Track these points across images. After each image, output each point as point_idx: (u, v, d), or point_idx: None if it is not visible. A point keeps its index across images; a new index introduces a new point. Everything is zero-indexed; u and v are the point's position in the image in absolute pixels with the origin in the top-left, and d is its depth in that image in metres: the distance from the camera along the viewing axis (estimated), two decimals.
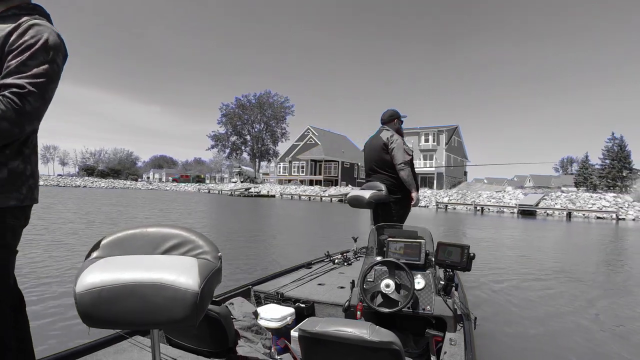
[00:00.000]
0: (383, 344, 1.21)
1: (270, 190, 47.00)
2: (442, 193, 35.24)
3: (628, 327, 3.68)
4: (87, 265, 0.99)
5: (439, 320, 2.06)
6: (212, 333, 1.62)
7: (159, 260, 1.05)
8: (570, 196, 28.66)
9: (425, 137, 47.28)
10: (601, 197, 27.88)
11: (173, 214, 15.11)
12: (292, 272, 3.21)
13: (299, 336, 1.40)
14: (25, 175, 1.31)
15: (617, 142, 40.31)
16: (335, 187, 44.30)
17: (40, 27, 1.27)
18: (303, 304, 2.46)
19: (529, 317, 3.87)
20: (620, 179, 38.79)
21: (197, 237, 1.15)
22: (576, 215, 25.17)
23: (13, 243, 1.31)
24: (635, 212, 24.62)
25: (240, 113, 63.19)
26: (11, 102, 1.14)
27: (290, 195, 42.41)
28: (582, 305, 4.40)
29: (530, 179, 68.29)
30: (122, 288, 0.89)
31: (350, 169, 55.57)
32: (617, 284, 5.71)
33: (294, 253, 6.79)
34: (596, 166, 42.91)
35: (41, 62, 1.22)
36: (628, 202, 26.28)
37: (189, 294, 0.89)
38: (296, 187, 47.03)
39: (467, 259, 2.16)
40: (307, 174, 54.22)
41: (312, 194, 41.24)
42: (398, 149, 3.34)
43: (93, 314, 0.89)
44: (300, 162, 55.31)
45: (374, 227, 2.56)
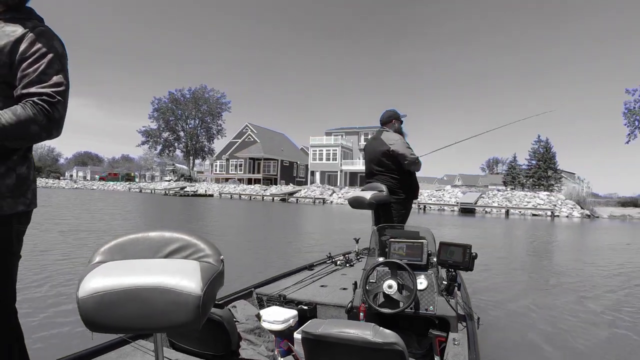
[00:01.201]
0: (386, 345, 1.22)
1: (208, 189, 45.36)
2: None
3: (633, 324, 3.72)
4: (90, 270, 0.98)
5: (442, 321, 2.08)
6: (215, 336, 1.62)
7: (161, 264, 1.05)
8: (507, 194, 30.25)
9: (365, 136, 48.34)
10: (535, 195, 29.13)
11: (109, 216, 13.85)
12: (294, 274, 3.19)
13: (302, 338, 1.40)
14: (29, 180, 1.36)
15: (543, 144, 43.60)
16: (276, 186, 43.96)
17: (49, 34, 1.33)
18: (306, 306, 2.44)
19: (531, 316, 3.90)
20: (545, 178, 42.33)
21: (199, 241, 1.15)
22: (513, 213, 26.60)
23: (18, 248, 1.34)
24: (568, 209, 26.26)
25: (173, 108, 60.22)
26: (43, 109, 1.22)
27: (230, 195, 41.28)
28: (584, 303, 4.47)
29: (459, 178, 72.75)
30: (125, 292, 0.89)
31: (290, 168, 55.55)
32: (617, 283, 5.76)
33: None
34: (523, 167, 46.26)
35: (57, 70, 1.29)
36: (561, 200, 27.62)
37: (192, 297, 0.90)
38: (235, 185, 45.95)
39: (469, 258, 2.18)
40: (245, 172, 53.21)
41: (253, 193, 40.52)
42: (401, 146, 3.34)
43: (96, 319, 0.89)
44: (239, 160, 54.15)
45: (375, 228, 2.56)
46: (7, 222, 1.28)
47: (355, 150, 48.46)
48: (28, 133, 1.20)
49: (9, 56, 1.25)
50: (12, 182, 1.28)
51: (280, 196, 37.46)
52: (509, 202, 28.42)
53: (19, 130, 1.18)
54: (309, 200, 35.68)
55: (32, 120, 1.19)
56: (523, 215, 25.92)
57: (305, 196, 36.79)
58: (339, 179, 45.90)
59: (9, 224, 1.29)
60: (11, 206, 1.28)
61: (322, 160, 47.30)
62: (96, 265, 1.03)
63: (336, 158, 46.43)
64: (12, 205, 1.28)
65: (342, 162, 46.44)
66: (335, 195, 36.26)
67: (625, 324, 3.76)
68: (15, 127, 1.17)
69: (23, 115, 1.18)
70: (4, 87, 1.27)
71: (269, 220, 15.51)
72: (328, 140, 47.60)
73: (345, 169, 46.52)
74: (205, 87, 61.38)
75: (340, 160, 46.28)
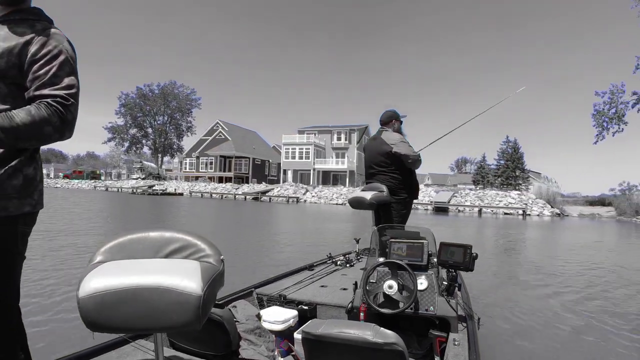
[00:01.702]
0: (387, 345, 1.23)
1: (178, 187, 44.32)
2: (359, 190, 36.28)
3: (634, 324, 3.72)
4: (90, 269, 0.98)
5: (442, 321, 2.08)
6: (216, 336, 1.62)
7: (161, 264, 1.06)
8: (479, 193, 30.89)
9: (337, 135, 48.72)
10: (506, 194, 29.87)
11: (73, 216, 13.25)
12: (294, 274, 3.17)
13: (302, 338, 1.41)
14: (36, 180, 1.35)
15: (511, 144, 44.94)
16: (248, 185, 43.46)
17: (59, 36, 1.32)
18: (306, 306, 2.43)
19: (531, 316, 3.91)
20: (513, 178, 43.74)
21: (200, 241, 1.16)
22: (485, 212, 27.14)
23: (23, 249, 1.33)
24: (538, 208, 27.03)
25: (141, 104, 58.24)
26: (57, 110, 1.22)
27: (201, 194, 40.48)
28: (584, 302, 4.51)
29: (429, 177, 74.29)
30: (125, 292, 0.90)
31: (262, 166, 55.05)
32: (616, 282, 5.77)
33: None
34: (492, 166, 47.65)
35: (69, 72, 1.29)
36: (532, 199, 28.29)
37: (192, 297, 0.90)
38: (206, 184, 45.07)
39: (469, 259, 2.18)
40: (216, 171, 52.28)
41: (224, 191, 39.92)
42: (403, 147, 3.35)
43: (96, 319, 0.89)
44: (209, 157, 53.15)
45: (375, 229, 2.56)
46: (13, 222, 1.27)
47: (328, 149, 48.59)
48: (42, 134, 1.20)
49: (19, 57, 1.25)
50: (19, 182, 1.27)
51: (253, 195, 37.10)
52: (482, 201, 29.05)
53: (33, 130, 1.18)
54: (282, 199, 35.55)
55: (46, 121, 1.19)
56: (495, 214, 26.47)
57: (279, 195, 36.64)
58: (312, 178, 45.87)
59: (15, 225, 1.28)
60: (17, 207, 1.27)
61: (295, 158, 47.14)
62: (96, 265, 1.03)
63: (309, 157, 46.36)
64: (18, 206, 1.27)
65: (315, 161, 46.44)
66: (309, 194, 36.29)
67: (625, 323, 3.76)
68: (30, 127, 1.17)
69: (37, 116, 1.18)
70: (13, 88, 1.27)
71: (242, 219, 15.33)
72: (301, 139, 47.46)
73: (318, 167, 46.57)
74: (174, 82, 59.85)
75: (313, 159, 46.25)
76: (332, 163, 46.60)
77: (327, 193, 35.91)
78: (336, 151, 48.07)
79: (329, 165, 46.64)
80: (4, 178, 1.24)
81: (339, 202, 33.58)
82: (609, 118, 24.15)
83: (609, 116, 24.18)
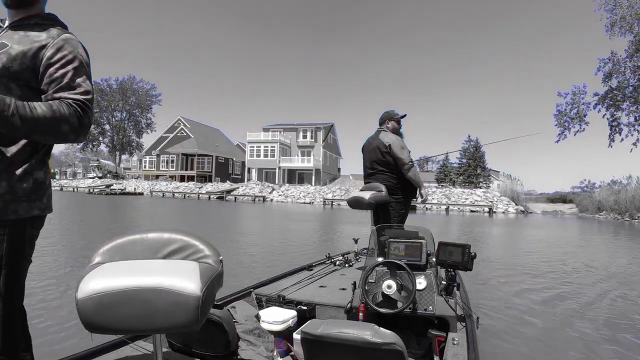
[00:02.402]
0: (385, 345, 1.24)
1: (138, 187, 42.70)
2: (326, 189, 35.87)
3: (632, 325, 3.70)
4: (89, 271, 0.98)
5: (441, 321, 2.09)
6: (215, 337, 1.62)
7: (160, 264, 1.06)
8: (445, 191, 31.31)
9: (303, 133, 48.40)
10: (472, 192, 30.49)
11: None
12: (293, 274, 3.16)
13: (301, 339, 1.42)
14: (45, 184, 1.36)
15: (473, 143, 46.46)
16: (212, 183, 42.56)
17: (74, 41, 1.34)
18: (305, 307, 2.42)
19: (530, 315, 3.92)
20: (475, 176, 45.41)
21: (198, 241, 1.17)
22: (452, 209, 27.62)
23: (30, 252, 1.35)
24: (503, 205, 27.53)
25: (98, 99, 55.40)
26: (77, 112, 1.23)
27: (162, 193, 39.23)
28: (583, 301, 4.49)
29: None
30: (124, 293, 0.90)
31: (225, 164, 54.09)
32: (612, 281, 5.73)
33: None
34: (454, 165, 49.05)
35: (85, 79, 1.31)
36: (497, 197, 28.80)
37: (191, 298, 0.90)
38: (167, 183, 43.68)
39: (468, 258, 2.18)
40: (177, 169, 50.83)
41: (187, 191, 38.87)
42: (400, 149, 3.37)
43: (95, 320, 0.90)
44: (170, 155, 51.55)
45: (374, 228, 2.56)
46: (21, 225, 1.28)
47: (293, 147, 48.26)
48: (59, 130, 1.20)
49: (32, 60, 1.26)
50: (29, 186, 1.29)
51: (217, 194, 36.35)
52: (448, 199, 29.68)
53: (51, 125, 1.18)
54: (247, 199, 35.07)
55: (65, 119, 1.20)
56: (462, 212, 26.74)
57: (244, 194, 36.10)
58: (277, 176, 45.52)
59: (23, 228, 1.29)
60: (27, 210, 1.28)
61: (260, 157, 46.59)
62: (95, 266, 1.03)
63: (274, 155, 45.94)
64: (27, 209, 1.29)
65: (281, 159, 46.11)
66: (276, 193, 35.98)
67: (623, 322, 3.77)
68: (49, 121, 1.17)
69: (58, 112, 1.19)
70: (26, 90, 1.28)
71: (208, 220, 14.99)
72: (266, 137, 46.89)
73: (284, 165, 46.25)
74: (134, 77, 57.58)
75: (279, 157, 45.89)
76: (298, 161, 46.39)
77: (294, 192, 35.71)
78: (302, 149, 47.84)
79: (294, 164, 46.41)
80: (15, 181, 1.25)
81: (307, 200, 33.45)
82: (570, 118, 25.40)
83: (571, 116, 25.43)
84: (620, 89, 24.14)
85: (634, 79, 23.85)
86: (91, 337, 1.01)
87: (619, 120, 24.96)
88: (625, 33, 22.97)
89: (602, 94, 24.95)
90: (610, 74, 24.40)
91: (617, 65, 24.10)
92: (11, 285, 1.29)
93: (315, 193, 34.67)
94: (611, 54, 24.12)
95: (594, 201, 27.06)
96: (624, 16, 22.40)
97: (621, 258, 8.03)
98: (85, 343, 1.62)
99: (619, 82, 24.22)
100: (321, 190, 35.66)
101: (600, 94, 25.06)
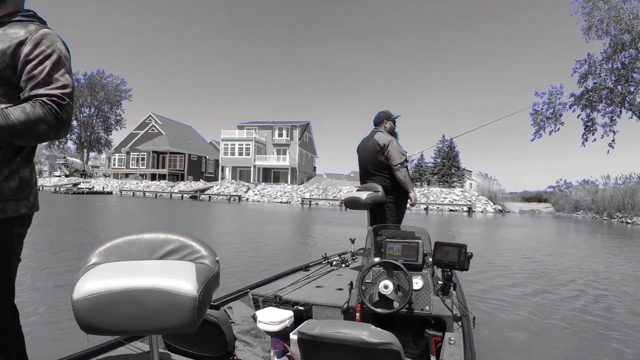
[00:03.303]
0: (382, 345, 1.25)
1: (106, 185, 41.31)
2: (303, 188, 35.57)
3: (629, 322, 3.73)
4: (85, 271, 0.99)
5: (437, 320, 2.10)
6: (211, 338, 1.63)
7: (156, 265, 1.07)
8: (424, 191, 31.62)
9: (279, 131, 47.98)
10: (450, 191, 30.88)
11: None
12: (289, 274, 3.14)
13: (298, 339, 1.42)
14: (31, 183, 1.37)
15: (447, 143, 46.91)
16: (185, 182, 41.67)
17: (52, 36, 1.33)
18: (301, 307, 2.42)
19: (527, 315, 3.95)
20: (449, 175, 46.45)
21: (195, 242, 1.17)
22: (431, 209, 27.74)
23: (19, 250, 1.37)
24: (482, 204, 28.09)
25: None
26: (52, 109, 1.23)
27: (132, 192, 38.18)
28: (580, 300, 4.54)
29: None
30: (120, 294, 0.90)
31: (198, 162, 53.08)
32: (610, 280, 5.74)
33: None
34: (429, 164, 49.96)
35: (63, 72, 1.31)
36: (475, 196, 29.24)
37: (188, 299, 0.90)
38: (137, 182, 42.45)
39: (464, 258, 2.21)
40: (148, 167, 49.46)
41: (159, 190, 37.98)
42: (394, 150, 3.39)
43: (91, 321, 0.90)
44: (141, 153, 50.15)
45: (371, 229, 2.56)
46: (9, 224, 1.29)
47: (268, 145, 47.81)
48: (37, 132, 1.21)
49: (12, 58, 1.26)
50: (15, 184, 1.29)
51: (191, 193, 35.70)
52: (427, 198, 30.00)
53: (28, 128, 1.19)
54: (222, 198, 34.55)
55: (41, 119, 1.21)
56: (441, 211, 27.00)
57: (219, 193, 35.53)
58: (252, 175, 45.02)
59: (11, 226, 1.30)
60: (14, 209, 1.29)
61: (235, 155, 45.89)
62: (91, 267, 1.02)
63: (249, 153, 45.37)
64: (15, 208, 1.30)
65: (256, 157, 45.62)
66: (251, 192, 35.55)
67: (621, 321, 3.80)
68: (25, 125, 1.18)
69: (32, 114, 1.19)
70: (8, 88, 1.28)
71: (183, 220, 14.66)
72: (241, 134, 46.20)
73: (259, 164, 45.80)
74: (102, 71, 55.35)
75: (254, 155, 45.38)
76: (273, 160, 46.05)
77: (270, 191, 35.34)
78: (277, 147, 47.44)
79: (270, 162, 46.02)
80: (1, 180, 1.26)
81: (284, 200, 33.19)
82: (546, 118, 26.04)
83: (547, 116, 26.06)
84: (597, 90, 24.81)
85: (610, 80, 24.55)
86: (87, 338, 1.00)
87: (594, 120, 25.70)
88: (602, 36, 23.59)
89: (578, 94, 25.60)
90: (586, 75, 24.97)
91: (594, 67, 24.71)
92: (2, 282, 1.30)
93: (292, 192, 34.38)
94: (587, 56, 24.83)
95: (570, 200, 27.59)
96: (602, 18, 22.83)
97: (613, 257, 8.20)
98: (81, 344, 1.60)
99: (595, 84, 24.89)
100: (298, 189, 35.36)
101: (576, 95, 25.71)
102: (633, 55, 23.29)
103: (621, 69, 23.92)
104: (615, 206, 22.38)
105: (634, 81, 23.66)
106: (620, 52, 23.52)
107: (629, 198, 21.30)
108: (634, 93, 24.04)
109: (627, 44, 23.12)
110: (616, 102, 24.05)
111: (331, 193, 33.10)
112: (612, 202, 22.77)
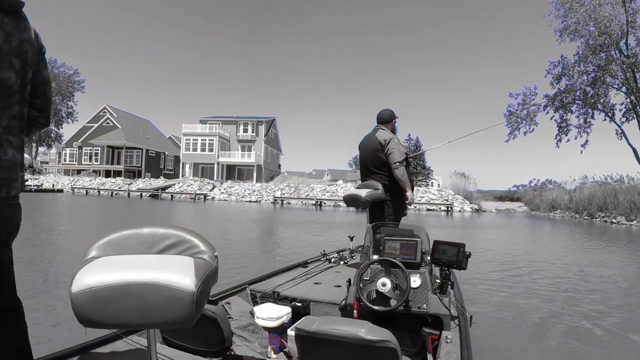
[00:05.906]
0: (379, 342, 1.26)
1: (56, 182, 38.89)
2: (273, 186, 34.74)
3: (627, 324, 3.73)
4: (83, 265, 0.99)
5: (435, 319, 2.11)
6: (209, 333, 1.65)
7: (155, 259, 1.07)
8: None
9: (244, 127, 46.81)
10: (427, 190, 30.71)
11: None
12: (288, 271, 3.15)
13: (295, 335, 1.43)
14: (21, 164, 1.40)
15: (414, 142, 47.89)
16: (143, 179, 39.96)
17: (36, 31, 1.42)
18: (299, 303, 2.43)
19: (524, 314, 3.97)
20: (415, 174, 47.33)
21: (193, 237, 1.17)
22: (409, 208, 27.94)
23: None
24: (459, 203, 28.09)
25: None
26: None
27: (85, 190, 36.17)
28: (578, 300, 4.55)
29: (328, 173, 76.56)
30: (118, 288, 0.91)
31: (157, 158, 51.12)
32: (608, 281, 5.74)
33: None
34: None
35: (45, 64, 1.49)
36: (451, 195, 29.01)
37: (186, 293, 0.90)
38: (91, 179, 40.28)
39: (462, 257, 2.22)
40: (102, 163, 47.07)
41: (115, 187, 36.18)
42: (395, 148, 3.39)
43: (89, 315, 0.90)
44: (94, 148, 47.61)
45: (370, 226, 2.57)
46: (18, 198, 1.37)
47: (233, 141, 46.66)
48: None
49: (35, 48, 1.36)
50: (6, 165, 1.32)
51: (151, 192, 34.14)
52: None
53: None
54: (186, 197, 33.24)
55: None
56: (418, 210, 26.58)
57: (181, 192, 34.08)
58: (216, 172, 43.80)
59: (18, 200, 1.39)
60: (23, 183, 1.40)
61: (197, 150, 44.41)
62: (90, 261, 1.03)
63: (212, 149, 44.06)
64: (23, 180, 1.40)
65: (220, 154, 44.37)
66: (217, 191, 34.28)
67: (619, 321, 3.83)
68: None
69: None
70: None
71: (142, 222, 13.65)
72: (203, 129, 44.67)
73: (223, 161, 44.56)
74: (55, 60, 51.60)
75: (218, 152, 44.12)
76: (238, 156, 44.92)
77: (237, 189, 34.17)
78: (242, 144, 46.37)
79: (234, 159, 44.81)
80: (17, 151, 1.33)
81: (253, 199, 32.21)
82: (521, 119, 26.49)
83: (522, 117, 26.52)
84: (570, 92, 25.45)
85: (583, 82, 25.22)
86: (85, 331, 1.02)
87: (568, 121, 26.35)
88: (574, 39, 24.02)
89: (551, 95, 26.20)
90: (560, 76, 25.39)
91: (567, 69, 25.14)
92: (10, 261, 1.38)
93: (262, 191, 33.46)
94: (561, 58, 25.32)
95: (545, 199, 27.84)
96: (579, 20, 22.97)
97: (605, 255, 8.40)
98: (79, 337, 1.60)
99: (567, 86, 25.27)
100: (267, 187, 34.50)
101: (550, 95, 26.28)
102: (604, 58, 23.83)
103: (597, 71, 24.43)
104: (597, 206, 21.97)
105: (605, 84, 24.46)
106: (597, 54, 23.96)
107: (612, 198, 20.85)
108: (606, 95, 24.89)
109: (604, 46, 23.46)
110: (589, 104, 24.75)
111: (304, 192, 32.46)
112: (593, 202, 22.37)
